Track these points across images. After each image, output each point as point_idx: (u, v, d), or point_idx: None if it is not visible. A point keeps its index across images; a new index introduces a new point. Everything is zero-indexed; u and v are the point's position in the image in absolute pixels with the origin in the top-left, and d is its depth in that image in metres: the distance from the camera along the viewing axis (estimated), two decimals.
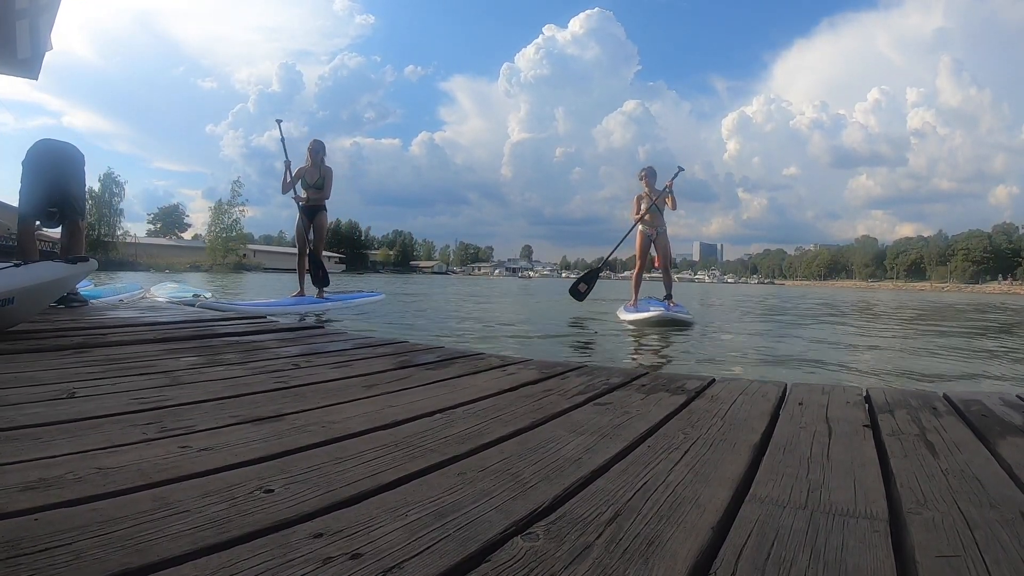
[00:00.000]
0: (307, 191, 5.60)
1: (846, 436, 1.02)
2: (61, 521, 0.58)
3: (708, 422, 1.10)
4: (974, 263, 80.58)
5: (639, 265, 6.12)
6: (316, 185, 5.59)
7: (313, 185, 5.60)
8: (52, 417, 1.00)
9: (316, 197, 5.60)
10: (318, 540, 0.56)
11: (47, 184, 3.37)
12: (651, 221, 5.92)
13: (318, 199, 5.62)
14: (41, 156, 3.37)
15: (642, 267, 6.14)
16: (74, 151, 3.57)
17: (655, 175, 6.04)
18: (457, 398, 1.25)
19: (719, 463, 0.86)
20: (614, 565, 0.54)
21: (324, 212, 5.69)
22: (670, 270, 6.13)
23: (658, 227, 5.94)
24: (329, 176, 5.68)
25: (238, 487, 0.69)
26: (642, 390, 1.40)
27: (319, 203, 5.64)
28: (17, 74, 4.60)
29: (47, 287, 2.35)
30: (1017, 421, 1.14)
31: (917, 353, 4.37)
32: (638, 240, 6.04)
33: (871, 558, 0.57)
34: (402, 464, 0.80)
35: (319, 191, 5.60)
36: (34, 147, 3.39)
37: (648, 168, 6.12)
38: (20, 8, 3.76)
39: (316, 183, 5.59)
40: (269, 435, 0.93)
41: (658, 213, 5.90)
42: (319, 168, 5.64)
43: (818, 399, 1.32)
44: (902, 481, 0.79)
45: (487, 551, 0.56)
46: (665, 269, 6.05)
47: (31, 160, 3.34)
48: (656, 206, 5.89)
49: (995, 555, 0.57)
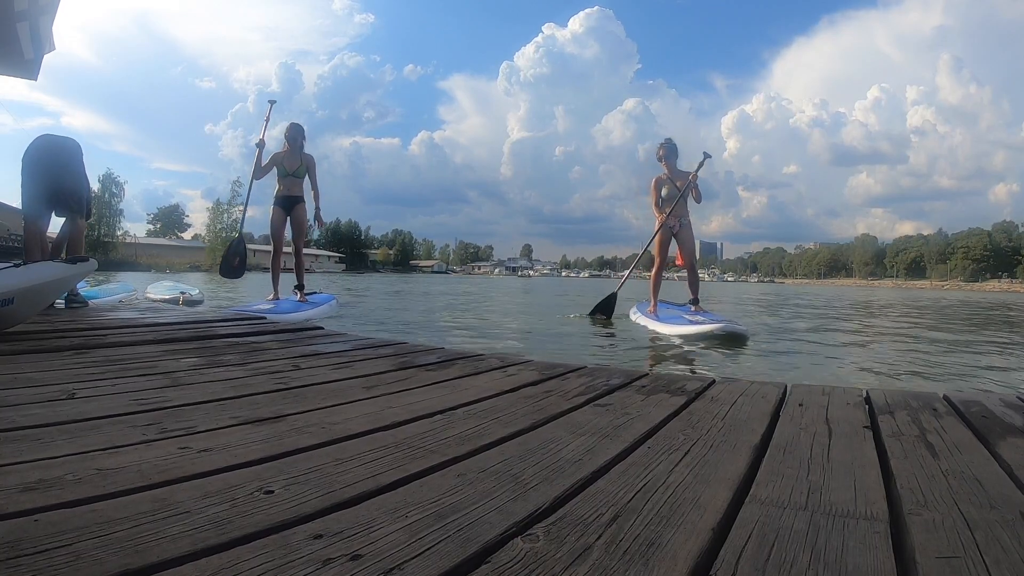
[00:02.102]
0: (284, 180, 4.99)
1: (846, 437, 1.02)
2: (61, 522, 0.58)
3: (708, 423, 1.10)
4: (974, 261, 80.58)
5: (658, 262, 5.07)
6: (295, 174, 5.00)
7: (292, 174, 5.00)
8: (52, 418, 1.00)
9: (294, 187, 5.00)
10: (318, 541, 0.56)
11: (47, 181, 3.31)
12: (674, 211, 4.94)
13: (297, 190, 5.02)
14: (39, 152, 3.31)
15: (662, 264, 5.07)
16: (72, 145, 3.48)
17: (675, 152, 5.04)
18: (457, 399, 1.25)
19: (719, 464, 0.86)
20: (614, 566, 0.54)
21: (303, 204, 5.06)
22: (696, 269, 5.05)
23: (681, 217, 4.93)
24: (312, 165, 5.08)
25: (238, 488, 0.69)
26: (642, 391, 1.40)
27: (298, 194, 5.03)
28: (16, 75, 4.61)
29: (47, 287, 2.35)
30: (1017, 422, 1.14)
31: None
32: (658, 235, 5.03)
33: (871, 559, 0.57)
34: (402, 465, 0.80)
35: (298, 180, 5.02)
36: (32, 144, 3.34)
37: (667, 142, 5.07)
38: (20, 10, 3.76)
39: (296, 171, 5.00)
40: (269, 436, 0.93)
41: (682, 201, 4.91)
42: (299, 155, 5.04)
43: (818, 400, 1.32)
44: (902, 482, 0.79)
45: (487, 552, 0.56)
46: (691, 268, 4.96)
47: (30, 158, 3.29)
48: (678, 189, 4.90)
49: (995, 556, 0.57)
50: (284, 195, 4.98)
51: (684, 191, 4.90)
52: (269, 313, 3.95)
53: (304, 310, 4.67)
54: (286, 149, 5.04)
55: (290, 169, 4.99)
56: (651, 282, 5.18)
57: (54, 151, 3.37)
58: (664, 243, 5.01)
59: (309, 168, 5.05)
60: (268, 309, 4.29)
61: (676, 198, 4.90)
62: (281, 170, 4.99)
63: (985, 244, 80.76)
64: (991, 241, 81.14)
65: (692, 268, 4.96)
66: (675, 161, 5.02)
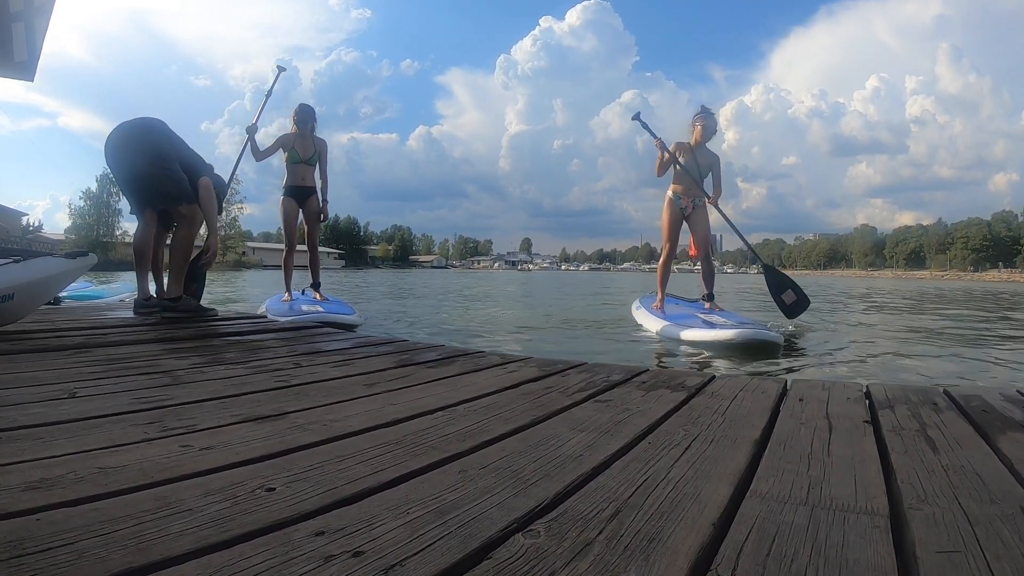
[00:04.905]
0: (296, 168, 4.37)
1: (847, 432, 1.03)
2: (63, 521, 0.58)
3: (709, 418, 1.10)
4: (973, 251, 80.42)
5: (667, 249, 4.30)
6: (309, 161, 4.39)
7: (305, 161, 4.38)
8: (53, 417, 1.00)
9: (308, 176, 4.43)
10: (320, 538, 0.56)
11: (127, 180, 2.91)
12: (687, 189, 4.16)
13: (311, 179, 4.45)
14: (112, 150, 2.87)
15: (672, 252, 4.33)
16: (144, 129, 2.91)
17: (714, 126, 4.23)
18: (458, 396, 1.25)
19: (720, 459, 0.86)
20: (615, 562, 0.54)
21: (316, 195, 4.49)
22: (711, 259, 4.32)
23: (695, 199, 4.18)
24: (324, 151, 4.47)
25: (240, 486, 0.69)
26: (643, 387, 1.40)
27: (312, 184, 4.46)
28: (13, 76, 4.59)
29: (47, 282, 2.34)
30: (1018, 416, 1.14)
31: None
32: (665, 213, 4.22)
33: (872, 553, 0.57)
34: (403, 462, 0.80)
35: (311, 168, 4.42)
36: (107, 141, 2.88)
37: (705, 111, 4.26)
38: (15, 11, 3.74)
39: (309, 159, 4.39)
40: (270, 434, 0.93)
41: (698, 181, 4.15)
42: (312, 140, 4.41)
43: (818, 395, 1.32)
44: (903, 477, 0.79)
45: (488, 548, 0.56)
46: (705, 257, 4.23)
47: (107, 158, 2.88)
48: (699, 166, 4.14)
49: (995, 550, 0.57)
50: (298, 185, 4.41)
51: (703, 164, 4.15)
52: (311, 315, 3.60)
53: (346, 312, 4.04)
54: (294, 132, 4.38)
55: (304, 156, 4.38)
56: (658, 272, 4.41)
57: (123, 145, 2.88)
58: (674, 224, 4.20)
59: (321, 154, 4.45)
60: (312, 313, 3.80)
61: (693, 175, 4.14)
62: (294, 156, 4.37)
63: (985, 234, 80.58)
64: (991, 231, 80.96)
65: (707, 257, 4.25)
66: (710, 136, 4.21)
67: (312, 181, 4.48)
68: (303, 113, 4.37)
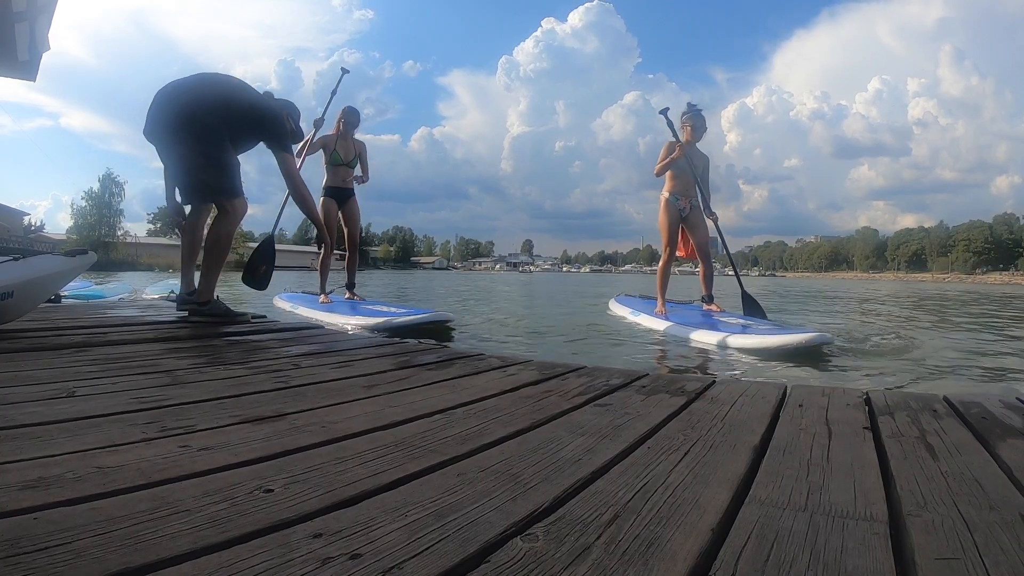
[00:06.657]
0: (338, 170, 4.47)
1: (846, 438, 1.02)
2: (60, 520, 0.58)
3: (708, 423, 1.10)
4: (975, 254, 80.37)
5: (667, 252, 4.24)
6: (350, 164, 4.53)
7: (347, 163, 4.50)
8: (52, 416, 1.00)
9: (349, 178, 4.53)
10: (318, 540, 0.56)
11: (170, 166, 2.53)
12: (683, 189, 4.16)
13: (351, 181, 4.56)
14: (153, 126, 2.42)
15: (672, 255, 4.27)
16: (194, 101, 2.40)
17: (703, 124, 4.24)
18: (457, 399, 1.25)
19: (719, 464, 0.86)
20: (614, 566, 0.54)
21: (355, 197, 4.61)
22: (711, 259, 4.33)
23: (692, 199, 4.20)
24: (364, 152, 4.62)
25: (238, 487, 0.69)
26: (642, 391, 1.40)
27: (351, 186, 4.58)
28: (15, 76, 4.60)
29: (45, 281, 2.34)
30: (1017, 423, 1.14)
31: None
32: (663, 215, 4.19)
33: (871, 560, 0.57)
34: (402, 464, 0.80)
35: (350, 171, 4.54)
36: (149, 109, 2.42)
37: (693, 109, 4.26)
38: (18, 11, 3.75)
39: (351, 161, 4.53)
40: (269, 435, 0.93)
41: (696, 181, 4.16)
42: (352, 142, 4.54)
43: (818, 401, 1.32)
44: (902, 483, 0.79)
45: (486, 552, 0.56)
46: (705, 258, 4.24)
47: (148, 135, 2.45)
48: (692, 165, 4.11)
49: (995, 557, 0.57)
50: (339, 186, 4.51)
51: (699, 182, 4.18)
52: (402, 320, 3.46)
53: (412, 313, 3.83)
54: (336, 133, 4.49)
55: (346, 158, 4.51)
56: (658, 276, 4.34)
57: (165, 98, 2.41)
58: (672, 226, 4.15)
59: (362, 155, 4.61)
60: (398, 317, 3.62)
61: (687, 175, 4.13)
62: (336, 158, 4.47)
63: (986, 237, 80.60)
64: (992, 234, 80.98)
65: (707, 258, 4.23)
66: (701, 135, 4.23)
67: (351, 183, 4.59)
68: (350, 115, 4.50)
